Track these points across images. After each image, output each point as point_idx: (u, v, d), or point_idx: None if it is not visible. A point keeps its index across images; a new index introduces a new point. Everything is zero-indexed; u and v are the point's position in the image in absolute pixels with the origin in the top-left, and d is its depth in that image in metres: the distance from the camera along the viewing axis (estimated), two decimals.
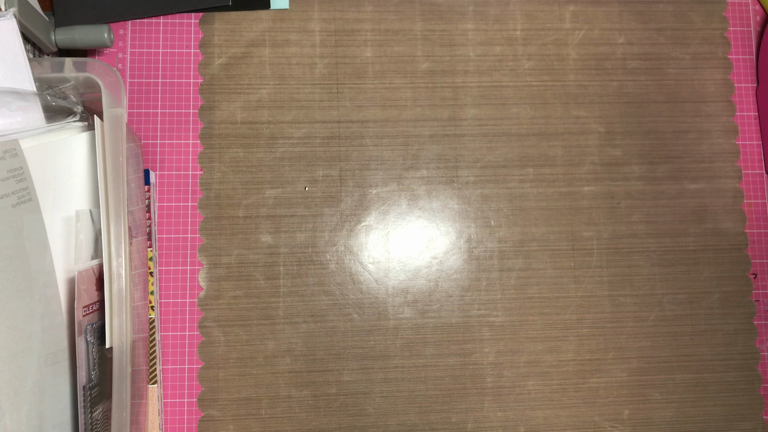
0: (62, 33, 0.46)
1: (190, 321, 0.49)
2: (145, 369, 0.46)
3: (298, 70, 0.52)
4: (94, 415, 0.39)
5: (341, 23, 0.52)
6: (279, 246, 0.50)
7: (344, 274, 0.50)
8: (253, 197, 0.50)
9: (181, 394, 0.48)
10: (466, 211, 0.51)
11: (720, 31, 0.55)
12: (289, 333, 0.49)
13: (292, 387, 0.49)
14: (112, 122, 0.39)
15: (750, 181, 0.53)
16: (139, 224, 0.46)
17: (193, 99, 0.51)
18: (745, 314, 0.52)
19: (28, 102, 0.38)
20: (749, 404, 0.51)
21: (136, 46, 0.51)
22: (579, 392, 0.50)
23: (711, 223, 0.53)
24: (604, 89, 0.53)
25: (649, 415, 0.51)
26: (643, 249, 0.52)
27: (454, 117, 0.52)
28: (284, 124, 0.51)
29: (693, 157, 0.53)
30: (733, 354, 0.51)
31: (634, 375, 0.51)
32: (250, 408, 0.49)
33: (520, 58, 0.53)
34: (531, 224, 0.52)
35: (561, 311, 0.51)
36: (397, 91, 0.52)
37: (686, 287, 0.52)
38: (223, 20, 0.52)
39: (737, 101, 0.54)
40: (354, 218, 0.51)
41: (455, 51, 0.53)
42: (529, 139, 0.52)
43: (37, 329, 0.37)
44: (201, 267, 0.49)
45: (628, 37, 0.54)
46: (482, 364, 0.50)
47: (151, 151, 0.50)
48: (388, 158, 0.51)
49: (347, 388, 0.49)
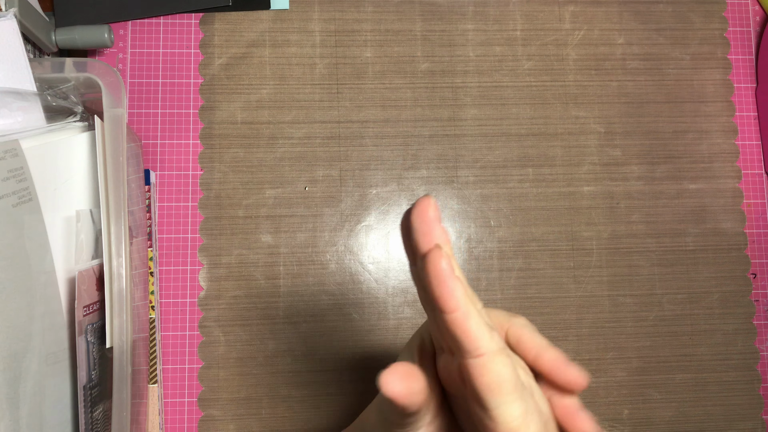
0: (62, 33, 0.46)
1: (191, 321, 0.49)
2: (145, 369, 0.46)
3: (298, 70, 0.52)
4: (94, 414, 0.39)
5: (341, 23, 0.52)
6: (279, 246, 0.50)
7: (344, 274, 0.50)
8: (253, 197, 0.50)
9: (182, 393, 0.48)
10: (465, 211, 0.51)
11: (719, 31, 0.55)
12: (289, 333, 0.49)
13: (292, 387, 0.49)
14: (113, 122, 0.39)
15: (749, 182, 0.53)
16: (139, 224, 0.46)
17: (193, 99, 0.51)
18: (745, 314, 0.52)
19: (28, 102, 0.38)
20: (749, 404, 0.51)
21: (136, 46, 0.51)
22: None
23: (710, 223, 0.53)
24: (604, 89, 0.53)
25: (649, 414, 0.51)
26: (643, 249, 0.52)
27: (454, 117, 0.52)
28: (284, 124, 0.51)
29: (692, 158, 0.53)
30: (733, 354, 0.52)
31: (634, 375, 0.51)
32: (250, 408, 0.49)
33: (519, 59, 0.53)
34: (530, 224, 0.52)
35: (560, 311, 0.51)
36: (397, 91, 0.52)
37: (686, 287, 0.52)
38: (223, 20, 0.52)
39: (737, 101, 0.54)
40: (354, 218, 0.51)
41: (455, 51, 0.53)
42: (529, 139, 0.52)
43: (37, 329, 0.37)
44: (201, 267, 0.50)
45: (628, 37, 0.54)
46: None
47: (151, 151, 0.50)
48: (388, 158, 0.51)
49: (347, 388, 0.49)
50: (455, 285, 0.22)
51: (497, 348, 0.23)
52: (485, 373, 0.23)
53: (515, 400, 0.23)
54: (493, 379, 0.23)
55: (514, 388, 0.23)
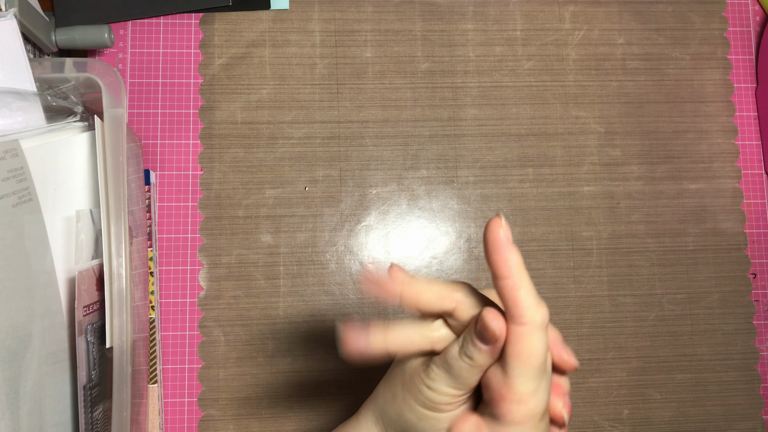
0: (62, 33, 0.46)
1: (191, 321, 0.49)
2: (145, 369, 0.46)
3: (298, 70, 0.52)
4: (94, 414, 0.39)
5: (341, 23, 0.52)
6: (279, 246, 0.50)
7: (344, 274, 0.50)
8: (253, 197, 0.50)
9: (182, 393, 0.48)
10: (465, 211, 0.51)
11: (719, 31, 0.55)
12: (289, 333, 0.49)
13: (292, 387, 0.49)
14: (113, 122, 0.39)
15: (749, 182, 0.53)
16: (139, 224, 0.46)
17: (193, 99, 0.51)
18: (745, 314, 0.52)
19: (28, 102, 0.38)
20: (749, 404, 0.51)
21: (136, 46, 0.51)
22: (578, 392, 0.51)
23: (710, 223, 0.53)
24: (604, 89, 0.53)
25: (649, 414, 0.51)
26: (643, 249, 0.52)
27: (454, 117, 0.52)
28: (284, 124, 0.51)
29: (692, 158, 0.53)
30: (733, 354, 0.52)
31: (634, 375, 0.51)
32: (250, 408, 0.49)
33: (519, 59, 0.53)
34: (530, 224, 0.52)
35: (560, 311, 0.51)
36: (397, 91, 0.52)
37: (686, 287, 0.52)
38: (223, 20, 0.52)
39: (737, 101, 0.54)
40: (354, 218, 0.51)
41: (455, 51, 0.53)
42: (529, 139, 0.52)
43: (37, 329, 0.37)
44: (201, 267, 0.50)
45: (628, 37, 0.54)
46: None
47: (151, 151, 0.50)
48: (388, 158, 0.51)
49: (347, 388, 0.49)
50: (511, 253, 0.25)
51: (540, 323, 0.25)
52: (521, 341, 0.25)
53: (534, 378, 0.25)
54: (524, 349, 0.25)
55: (539, 366, 0.25)
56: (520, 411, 0.25)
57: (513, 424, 0.25)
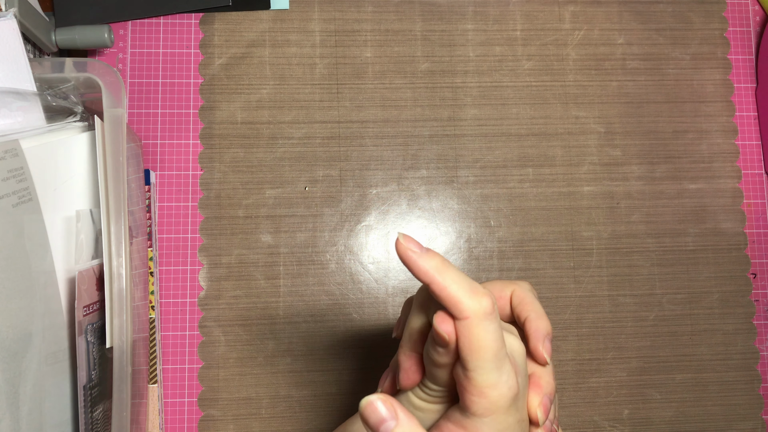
0: (62, 33, 0.46)
1: (191, 321, 0.49)
2: (145, 369, 0.46)
3: (298, 70, 0.52)
4: (94, 414, 0.39)
5: (341, 23, 0.52)
6: (279, 246, 0.50)
7: (344, 274, 0.50)
8: (253, 197, 0.50)
9: (182, 393, 0.48)
10: (465, 211, 0.51)
11: (719, 31, 0.55)
12: (289, 333, 0.49)
13: (292, 387, 0.49)
14: (113, 122, 0.39)
15: (749, 181, 0.53)
16: (139, 224, 0.46)
17: (193, 99, 0.51)
18: (745, 314, 0.52)
19: (28, 102, 0.38)
20: (749, 404, 0.51)
21: (136, 46, 0.51)
22: (578, 392, 0.51)
23: (710, 223, 0.53)
24: (604, 89, 0.53)
25: (649, 414, 0.51)
26: (643, 249, 0.52)
27: (454, 117, 0.52)
28: (284, 124, 0.51)
29: (692, 157, 0.53)
30: (733, 354, 0.52)
31: (634, 375, 0.51)
32: (250, 408, 0.49)
33: (519, 59, 0.53)
34: (530, 224, 0.52)
35: (560, 311, 0.51)
36: (397, 91, 0.52)
37: (686, 287, 0.52)
38: (223, 20, 0.52)
39: (737, 101, 0.54)
40: (354, 218, 0.51)
41: (455, 51, 0.53)
42: (529, 139, 0.52)
43: (37, 329, 0.37)
44: (201, 267, 0.50)
45: (628, 37, 0.54)
46: None
47: (151, 151, 0.50)
48: (388, 158, 0.51)
49: (347, 388, 0.49)
50: (423, 260, 0.25)
51: (482, 312, 0.25)
52: (467, 335, 0.25)
53: (492, 369, 0.25)
54: (472, 341, 0.25)
55: (492, 356, 0.25)
56: (482, 404, 0.25)
57: (476, 416, 0.25)
